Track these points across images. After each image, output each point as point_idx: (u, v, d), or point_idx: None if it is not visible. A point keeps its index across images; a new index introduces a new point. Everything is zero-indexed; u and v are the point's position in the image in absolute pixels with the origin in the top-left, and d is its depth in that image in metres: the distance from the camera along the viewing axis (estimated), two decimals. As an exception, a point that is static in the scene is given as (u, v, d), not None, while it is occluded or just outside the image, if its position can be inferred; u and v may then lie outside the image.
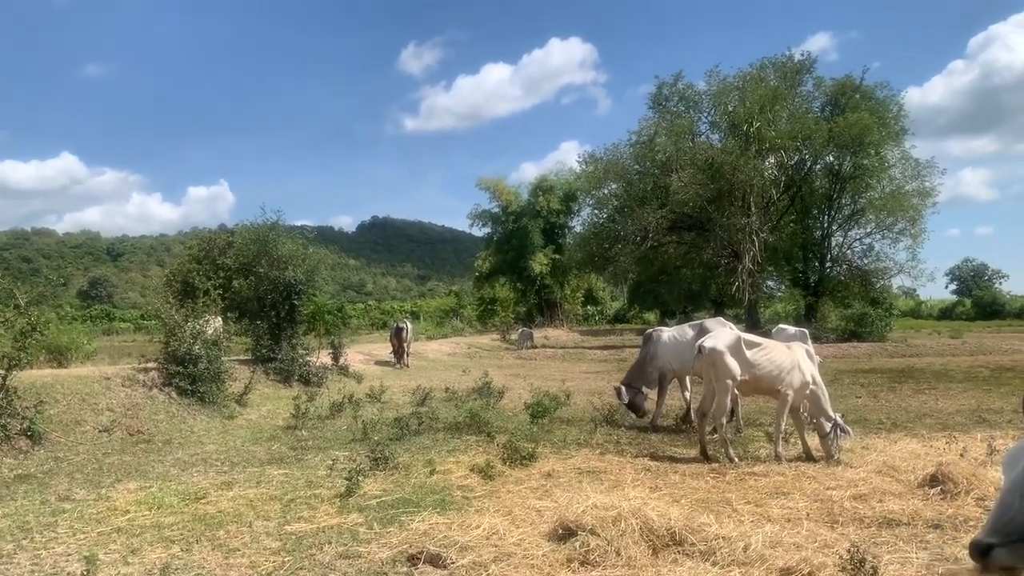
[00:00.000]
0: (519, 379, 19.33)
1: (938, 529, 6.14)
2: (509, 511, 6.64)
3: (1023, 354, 27.51)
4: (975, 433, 10.39)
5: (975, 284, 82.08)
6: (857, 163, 40.24)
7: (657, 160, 41.09)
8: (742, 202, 38.59)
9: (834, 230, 43.58)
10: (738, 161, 37.02)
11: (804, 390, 9.24)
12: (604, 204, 44.30)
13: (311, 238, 19.73)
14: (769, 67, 41.25)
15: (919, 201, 40.44)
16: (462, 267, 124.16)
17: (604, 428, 11.24)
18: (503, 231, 57.64)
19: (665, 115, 42.57)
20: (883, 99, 41.03)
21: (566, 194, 55.25)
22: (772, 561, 5.15)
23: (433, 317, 54.66)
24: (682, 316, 50.42)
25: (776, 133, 38.56)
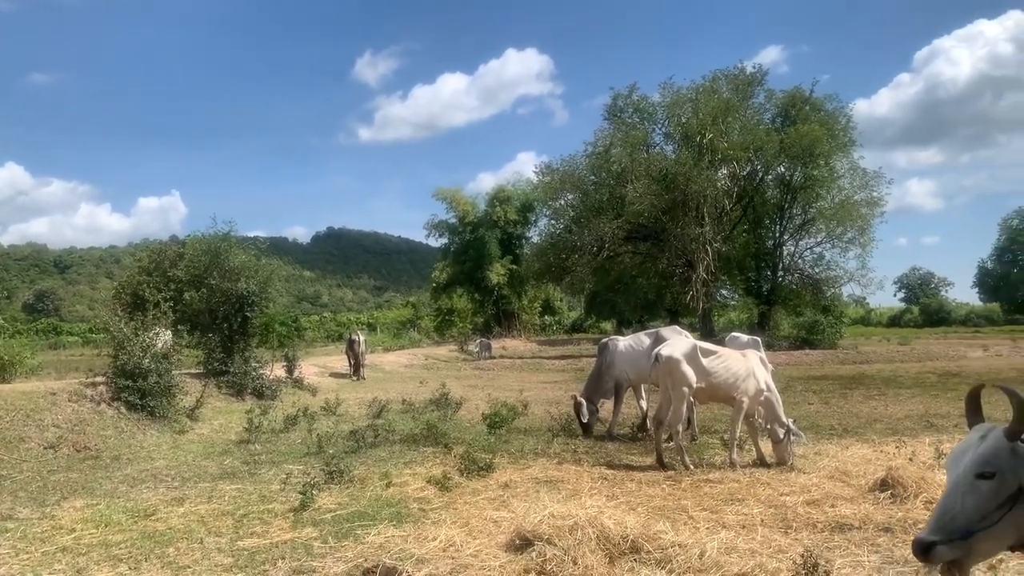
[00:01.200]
0: (477, 390, 19.27)
1: (888, 532, 6.23)
2: (466, 522, 6.59)
3: (969, 360, 28.28)
4: (923, 437, 10.61)
5: (922, 292, 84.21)
6: (807, 174, 41.09)
7: (613, 171, 41.49)
8: (696, 212, 39.09)
9: (785, 239, 44.41)
10: (691, 172, 37.55)
11: (759, 397, 9.37)
12: (561, 215, 44.57)
13: (264, 249, 19.51)
14: (722, 79, 41.98)
15: (867, 211, 41.40)
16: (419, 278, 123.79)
17: (561, 437, 11.26)
18: (460, 242, 57.56)
19: (620, 126, 43.01)
20: (832, 111, 42.03)
21: (523, 204, 55.44)
22: (727, 567, 5.18)
23: (390, 328, 54.33)
24: (638, 325, 50.79)
25: (728, 144, 39.20)
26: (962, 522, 2.70)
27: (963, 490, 2.74)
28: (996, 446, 2.76)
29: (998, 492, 2.71)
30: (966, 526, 2.69)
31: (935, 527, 2.73)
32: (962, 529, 2.69)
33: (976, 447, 2.81)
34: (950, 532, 2.69)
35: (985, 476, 2.72)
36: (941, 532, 2.71)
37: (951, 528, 2.70)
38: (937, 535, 2.70)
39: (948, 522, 2.71)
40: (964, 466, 2.78)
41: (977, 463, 2.75)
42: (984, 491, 2.71)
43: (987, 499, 2.71)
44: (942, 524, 2.72)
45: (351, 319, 62.54)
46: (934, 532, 2.72)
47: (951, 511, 2.73)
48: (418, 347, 40.24)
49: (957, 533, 2.69)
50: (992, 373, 21.40)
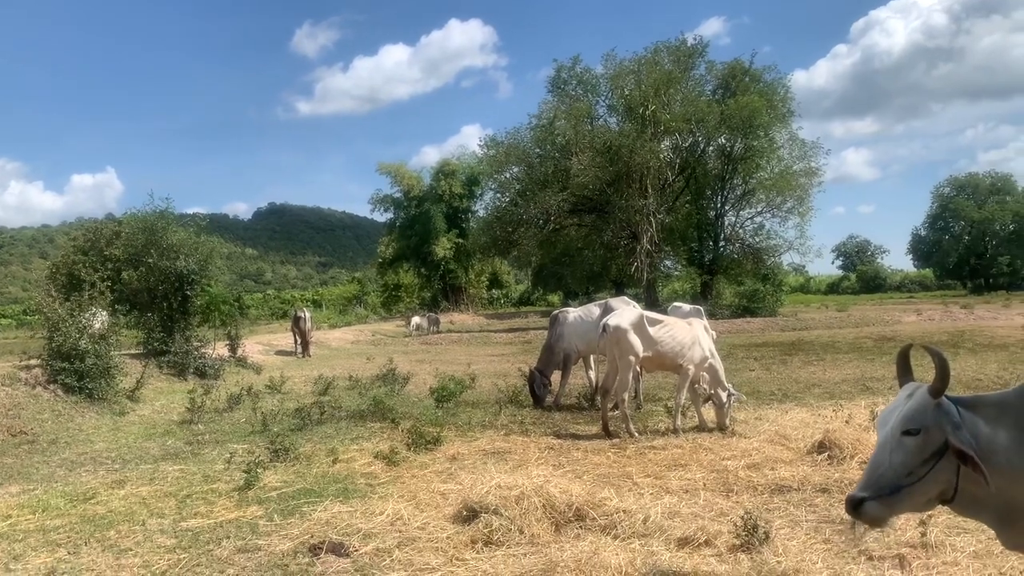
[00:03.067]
0: (425, 364, 19.23)
1: (825, 493, 6.44)
2: (414, 496, 6.61)
3: (903, 325, 29.17)
4: (859, 401, 10.91)
5: (859, 259, 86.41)
6: (747, 145, 41.67)
7: (557, 143, 41.49)
8: (639, 184, 39.38)
9: (727, 210, 45.13)
10: (635, 144, 37.75)
11: (703, 365, 9.58)
12: (506, 188, 44.44)
13: (204, 226, 19.08)
14: (663, 51, 42.15)
15: (806, 181, 42.25)
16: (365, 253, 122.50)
17: (509, 409, 11.32)
18: (406, 216, 57.11)
19: (564, 99, 42.95)
20: (771, 82, 42.59)
21: (469, 178, 55.16)
22: (671, 531, 5.30)
23: (336, 305, 53.72)
24: (584, 297, 51.17)
25: (671, 116, 39.49)
26: (890, 478, 2.80)
27: (891, 447, 2.84)
28: (921, 403, 2.86)
29: (924, 448, 2.81)
30: (894, 482, 2.79)
31: (865, 484, 2.83)
32: (891, 485, 2.79)
33: (903, 405, 2.91)
34: (879, 488, 2.80)
35: (911, 433, 2.82)
36: (871, 488, 2.81)
37: (880, 484, 2.80)
38: (867, 491, 2.80)
39: (878, 479, 2.81)
40: (892, 424, 2.88)
41: (904, 420, 2.85)
42: (911, 447, 2.81)
43: (914, 455, 2.81)
44: (872, 481, 2.83)
45: (296, 296, 61.72)
46: (864, 489, 2.82)
47: (880, 468, 2.83)
48: (365, 323, 39.92)
49: (886, 489, 2.79)
50: (924, 337, 22.14)
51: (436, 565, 4.97)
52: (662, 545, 5.09)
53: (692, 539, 5.12)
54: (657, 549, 5.01)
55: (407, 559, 5.10)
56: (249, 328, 31.74)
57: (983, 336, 21.68)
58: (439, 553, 5.15)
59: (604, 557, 4.69)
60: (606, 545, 4.99)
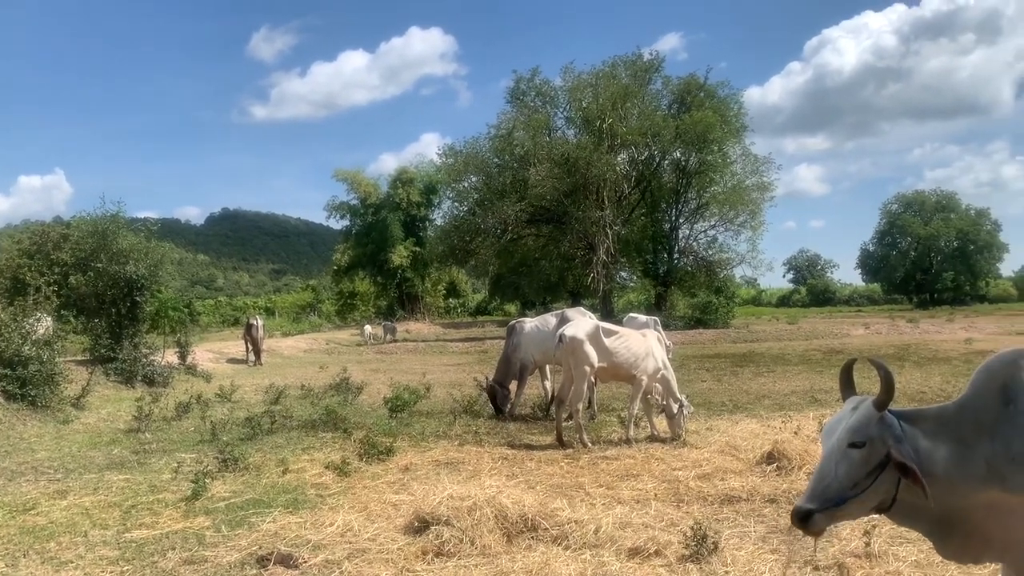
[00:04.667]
0: (379, 374, 19.09)
1: (773, 503, 6.53)
2: (365, 507, 6.55)
3: (851, 338, 29.82)
4: (808, 412, 11.10)
5: (809, 273, 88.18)
6: (702, 159, 42.33)
7: (516, 154, 41.67)
8: (596, 196, 39.73)
9: (681, 223, 45.73)
10: (592, 156, 38.11)
11: (656, 376, 9.68)
12: (464, 197, 44.47)
13: (155, 231, 18.74)
14: (620, 65, 42.70)
15: (758, 195, 43.10)
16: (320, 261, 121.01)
17: (463, 419, 11.28)
18: (362, 224, 56.65)
19: (523, 109, 43.19)
20: (724, 98, 43.39)
21: (426, 186, 54.96)
22: (622, 542, 5.33)
23: (289, 313, 53.01)
24: (541, 307, 51.30)
25: (627, 129, 39.95)
26: (836, 490, 2.84)
27: (836, 459, 2.88)
28: (866, 416, 2.91)
29: (868, 460, 2.87)
30: (839, 494, 2.84)
31: (812, 495, 2.87)
32: (836, 497, 2.83)
33: (848, 418, 2.96)
34: (825, 500, 2.84)
35: (856, 445, 2.87)
36: (817, 500, 2.85)
37: (826, 496, 2.84)
38: (814, 503, 2.84)
39: (824, 490, 2.85)
40: (837, 437, 2.93)
41: (849, 433, 2.90)
42: (856, 459, 2.86)
43: (858, 467, 2.86)
44: (818, 492, 2.87)
45: (248, 303, 60.71)
46: (811, 500, 2.86)
47: (826, 479, 2.87)
48: (319, 332, 39.51)
49: (831, 501, 2.83)
50: (871, 349, 22.65)
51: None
52: (613, 555, 5.11)
53: (642, 549, 5.15)
54: (608, 560, 5.03)
55: (357, 571, 5.04)
56: (200, 335, 31.21)
57: (928, 350, 22.25)
58: (389, 565, 5.11)
59: (555, 568, 4.71)
60: (557, 556, 5.00)
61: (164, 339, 18.92)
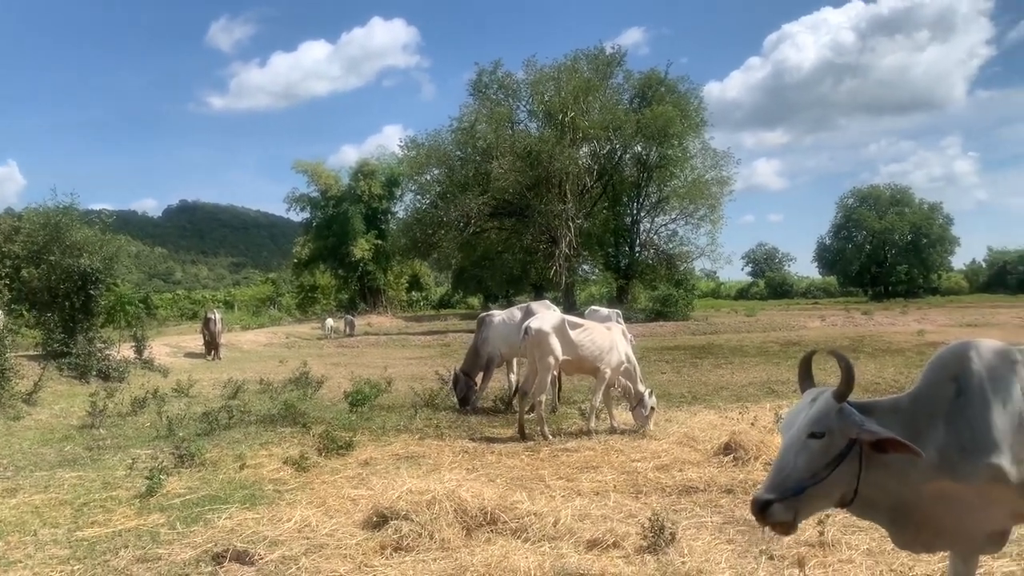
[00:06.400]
0: (340, 368, 18.95)
1: (730, 493, 6.61)
2: (323, 502, 6.49)
3: (807, 330, 30.33)
4: (765, 403, 11.24)
5: (768, 266, 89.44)
6: (662, 153, 42.65)
7: (478, 147, 41.54)
8: (559, 189, 39.82)
9: (642, 216, 46.08)
10: (554, 149, 38.18)
11: (620, 368, 9.74)
12: (427, 190, 44.24)
13: (110, 223, 18.39)
14: (583, 59, 42.77)
15: (718, 189, 43.53)
16: (280, 254, 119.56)
17: (424, 413, 11.24)
18: (323, 216, 56.09)
19: (485, 102, 43.07)
20: (685, 92, 43.74)
21: (388, 179, 54.59)
22: (580, 533, 5.36)
23: (249, 306, 52.39)
24: (504, 300, 51.33)
25: (589, 123, 40.10)
26: (795, 480, 2.88)
27: (796, 450, 2.92)
28: (826, 407, 2.96)
29: (828, 450, 2.91)
30: (798, 484, 2.88)
31: (771, 486, 2.90)
32: (795, 487, 2.87)
33: (808, 409, 3.00)
34: (784, 490, 2.87)
35: (816, 436, 2.91)
36: (776, 490, 2.88)
37: (785, 486, 2.88)
38: (773, 493, 2.87)
39: (783, 480, 2.89)
40: (797, 427, 2.97)
41: (809, 424, 2.94)
42: (815, 450, 2.90)
43: (818, 457, 2.90)
44: (777, 482, 2.90)
45: (207, 297, 59.78)
46: (770, 491, 2.89)
47: (785, 470, 2.91)
48: (279, 325, 39.11)
49: (790, 491, 2.87)
50: (827, 341, 23.06)
51: (344, 572, 4.89)
52: (571, 547, 5.14)
53: (601, 541, 5.18)
54: (566, 551, 5.05)
55: (314, 566, 5.00)
56: (157, 329, 30.75)
57: (882, 341, 22.72)
58: (347, 560, 5.07)
59: (514, 561, 4.71)
60: (516, 549, 5.01)
61: (120, 333, 18.60)
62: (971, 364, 3.14)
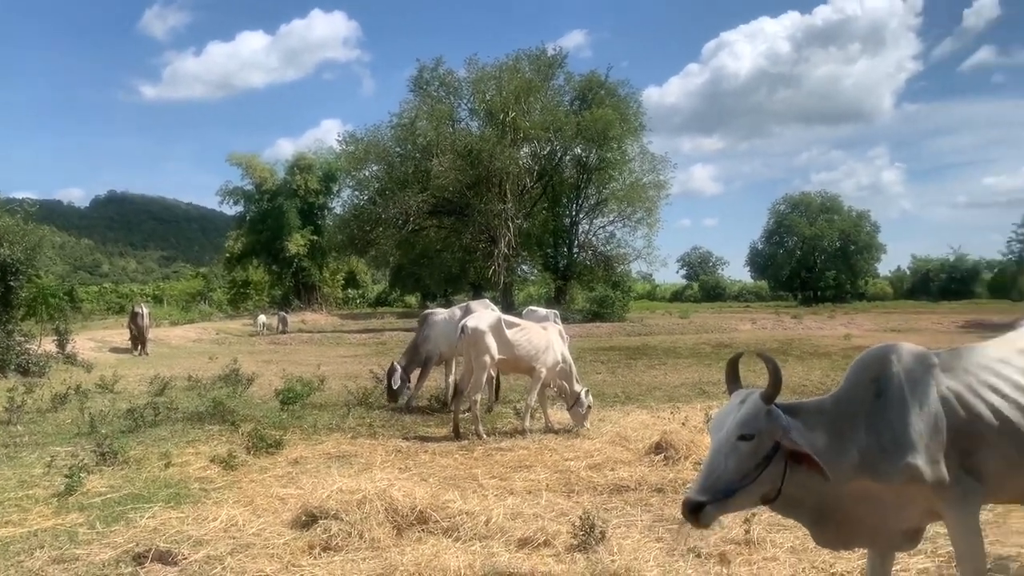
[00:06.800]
0: (272, 365, 18.63)
1: (660, 492, 6.70)
2: (251, 501, 6.36)
3: (739, 332, 30.98)
4: (696, 404, 11.42)
5: (702, 270, 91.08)
6: (602, 156, 43.06)
7: (418, 144, 41.25)
8: (499, 189, 39.82)
9: (581, 218, 46.47)
10: (495, 149, 38.17)
11: (556, 368, 9.78)
12: (365, 186, 43.80)
13: (33, 213, 17.71)
14: (524, 59, 42.83)
15: (655, 193, 44.22)
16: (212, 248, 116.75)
17: (358, 411, 11.11)
18: (257, 210, 55.09)
19: (426, 99, 42.80)
20: (624, 96, 44.18)
21: (326, 174, 53.89)
22: (512, 532, 5.36)
23: (179, 301, 51.01)
24: (442, 299, 51.12)
25: (530, 124, 40.17)
26: (726, 481, 2.92)
27: (726, 452, 2.96)
28: (755, 410, 3.01)
29: (756, 452, 2.96)
30: (729, 485, 2.92)
31: (702, 487, 2.94)
32: (725, 488, 2.91)
33: (736, 411, 3.05)
34: (715, 492, 2.91)
35: (746, 438, 2.96)
36: (708, 492, 2.92)
37: (716, 488, 2.92)
38: (705, 495, 2.91)
39: (714, 481, 2.93)
40: (727, 429, 3.01)
41: (738, 426, 2.99)
42: (745, 452, 2.95)
43: (747, 459, 2.95)
44: (709, 484, 2.94)
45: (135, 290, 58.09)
46: (702, 492, 2.92)
47: (716, 471, 2.95)
48: (209, 321, 38.24)
49: (721, 492, 2.91)
50: (757, 343, 23.58)
51: (271, 572, 4.80)
52: (502, 546, 5.14)
53: (532, 540, 5.19)
54: (497, 550, 5.05)
55: (240, 566, 4.89)
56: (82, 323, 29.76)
57: (809, 344, 23.34)
58: (274, 560, 4.98)
59: (444, 560, 4.68)
60: (447, 548, 4.99)
61: (42, 327, 17.93)
62: (891, 367, 3.24)
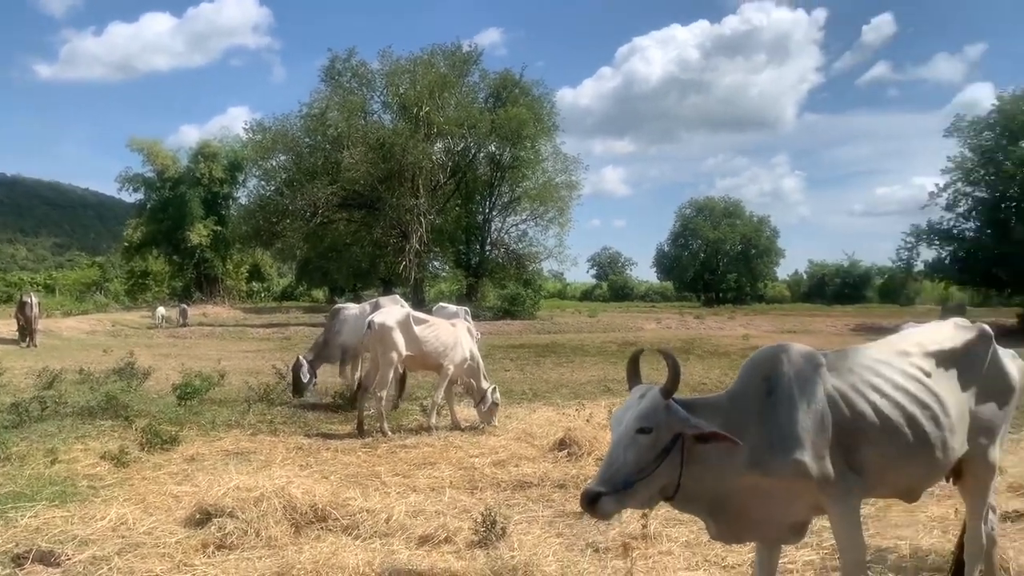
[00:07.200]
0: (170, 359, 18.01)
1: (562, 488, 6.78)
2: (143, 499, 6.14)
3: (644, 331, 31.72)
4: (601, 400, 11.59)
5: (611, 270, 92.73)
6: (515, 154, 43.36)
7: (329, 135, 40.62)
8: (411, 184, 39.59)
9: (494, 216, 46.71)
10: (408, 143, 37.93)
11: (464, 365, 9.79)
12: (272, 176, 42.87)
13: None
14: (439, 54, 42.80)
15: (567, 193, 44.92)
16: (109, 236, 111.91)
17: (259, 407, 10.84)
18: (158, 198, 53.25)
19: (338, 90, 42.21)
20: (538, 96, 44.73)
21: (231, 163, 52.47)
22: (413, 530, 5.34)
23: (72, 291, 48.81)
24: (351, 294, 50.49)
25: (444, 119, 40.14)
26: (624, 474, 2.98)
27: (625, 444, 3.03)
28: (653, 404, 3.08)
29: (655, 445, 3.04)
30: (627, 478, 2.98)
31: (601, 479, 2.99)
32: (624, 480, 2.98)
33: (636, 405, 3.12)
34: (614, 484, 2.97)
35: (644, 431, 3.03)
36: (607, 484, 2.97)
37: (615, 480, 2.98)
38: (603, 487, 2.96)
39: (613, 474, 2.99)
40: (626, 423, 3.07)
41: (637, 419, 3.05)
42: (643, 445, 3.02)
43: (645, 452, 3.02)
44: (608, 476, 2.99)
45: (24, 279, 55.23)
46: (601, 484, 2.98)
47: (615, 464, 3.01)
48: (105, 312, 36.78)
49: (620, 484, 2.97)
50: (661, 342, 24.11)
51: (161, 572, 4.64)
52: (403, 544, 5.11)
53: (433, 537, 5.19)
54: (397, 548, 5.02)
55: (128, 566, 4.71)
56: (-38, 313, 28.09)
57: (710, 344, 24.07)
58: (165, 559, 4.82)
59: (343, 558, 4.63)
60: (346, 546, 4.92)
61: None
62: (781, 366, 3.38)
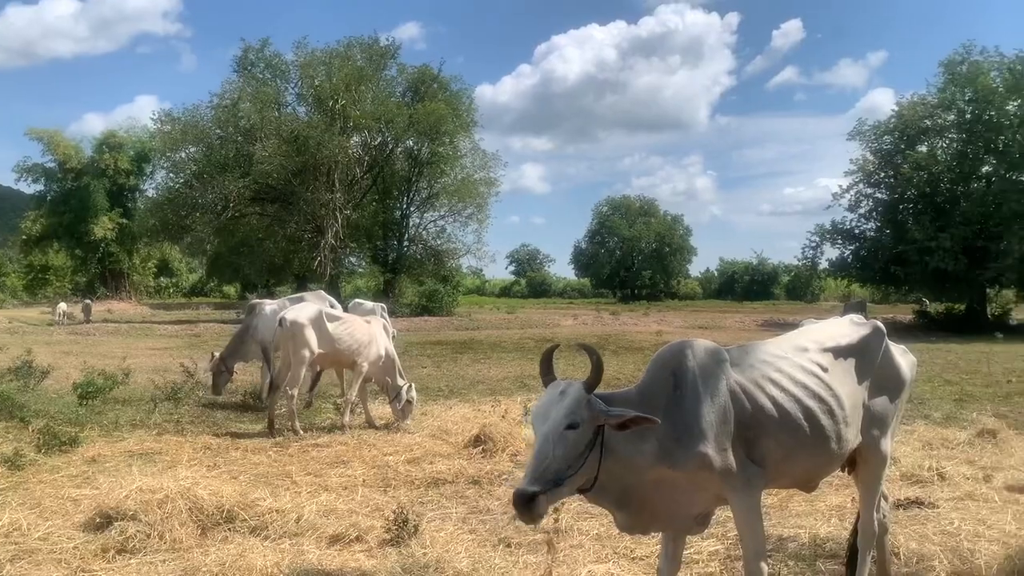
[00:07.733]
0: (71, 357, 17.25)
1: (476, 484, 6.82)
2: (38, 503, 5.88)
3: (561, 327, 32.05)
4: (516, 397, 11.68)
5: (529, 266, 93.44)
6: (434, 150, 43.15)
7: (241, 127, 39.63)
8: (327, 178, 38.96)
9: (412, 211, 46.40)
10: (323, 136, 37.29)
11: (379, 363, 9.70)
12: (181, 168, 41.47)
13: None
14: (356, 47, 42.17)
15: (485, 189, 44.96)
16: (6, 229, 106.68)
17: (165, 407, 10.49)
18: (60, 189, 51.11)
19: (251, 81, 41.23)
20: (457, 92, 44.63)
21: (138, 154, 50.77)
22: (324, 529, 5.29)
23: (-36, 286, 46.35)
24: (263, 290, 49.26)
25: (361, 113, 39.61)
26: (555, 471, 3.01)
27: (554, 440, 3.05)
28: (578, 399, 3.12)
29: (581, 440, 3.08)
30: (558, 474, 3.00)
31: (533, 478, 2.99)
32: (555, 477, 3.00)
33: (560, 401, 3.14)
34: (546, 481, 2.98)
35: (573, 427, 3.06)
36: (539, 482, 2.98)
37: (547, 477, 2.99)
38: (536, 485, 2.96)
39: (543, 472, 3.00)
40: (553, 419, 3.09)
41: (565, 415, 3.08)
42: (571, 440, 3.05)
43: (573, 447, 3.05)
44: (539, 474, 3.00)
45: (-91, 273, 52.13)
46: (534, 483, 2.97)
47: (545, 461, 3.02)
48: (1, 308, 34.94)
49: (551, 481, 2.99)
50: (578, 338, 24.44)
51: (57, 579, 4.46)
52: (313, 543, 5.06)
53: (344, 536, 5.15)
54: (307, 548, 4.96)
55: (21, 573, 4.52)
56: None
57: (625, 340, 24.51)
58: (62, 565, 4.63)
59: (250, 559, 4.54)
60: (254, 547, 4.83)
61: None
62: (686, 361, 3.48)
